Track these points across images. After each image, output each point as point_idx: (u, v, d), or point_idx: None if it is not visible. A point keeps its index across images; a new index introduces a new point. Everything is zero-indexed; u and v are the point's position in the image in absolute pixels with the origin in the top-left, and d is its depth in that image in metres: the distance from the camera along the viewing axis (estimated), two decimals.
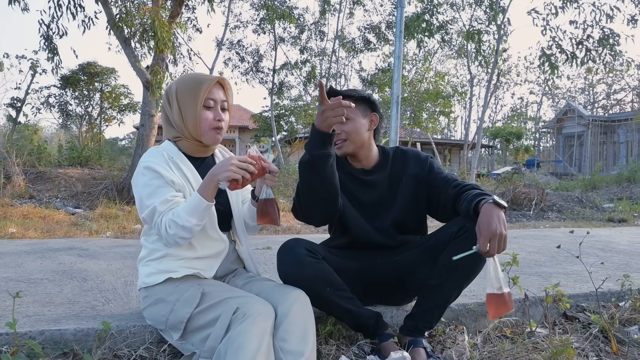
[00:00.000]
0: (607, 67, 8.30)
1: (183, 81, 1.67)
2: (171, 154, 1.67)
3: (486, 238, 1.48)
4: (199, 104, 1.63)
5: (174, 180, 1.61)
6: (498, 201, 1.56)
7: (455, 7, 12.26)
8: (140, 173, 1.60)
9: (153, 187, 1.57)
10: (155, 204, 1.55)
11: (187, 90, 1.64)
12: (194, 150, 1.73)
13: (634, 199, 11.30)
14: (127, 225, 6.41)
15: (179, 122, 1.67)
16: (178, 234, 1.52)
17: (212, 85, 1.65)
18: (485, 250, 1.49)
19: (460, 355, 1.76)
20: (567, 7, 7.58)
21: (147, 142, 8.89)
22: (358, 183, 1.92)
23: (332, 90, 1.81)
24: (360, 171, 1.94)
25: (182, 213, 1.51)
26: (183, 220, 1.50)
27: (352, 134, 1.84)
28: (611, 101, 34.90)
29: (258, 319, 1.42)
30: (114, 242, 3.90)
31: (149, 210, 1.56)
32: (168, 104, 1.69)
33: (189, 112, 1.64)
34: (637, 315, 2.14)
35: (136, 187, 1.62)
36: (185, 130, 1.67)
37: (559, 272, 2.82)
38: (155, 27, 7.47)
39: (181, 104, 1.65)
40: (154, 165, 1.59)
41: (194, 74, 1.72)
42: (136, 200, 1.64)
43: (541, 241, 4.21)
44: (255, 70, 15.07)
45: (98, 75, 18.94)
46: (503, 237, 1.49)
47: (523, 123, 38.26)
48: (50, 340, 1.59)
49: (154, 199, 1.56)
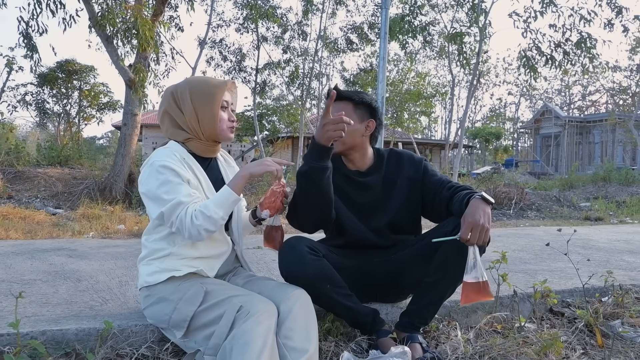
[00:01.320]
0: (584, 69, 8.52)
1: (196, 84, 1.71)
2: (182, 154, 1.69)
3: (468, 227, 1.56)
4: (217, 106, 1.69)
5: (190, 179, 1.64)
6: (485, 197, 1.62)
7: (436, 8, 12.43)
8: (156, 171, 1.60)
9: (173, 184, 1.58)
10: (179, 197, 1.56)
11: (204, 92, 1.69)
12: (205, 151, 1.76)
13: (609, 198, 11.61)
14: (110, 226, 6.34)
15: (193, 123, 1.69)
16: (204, 225, 1.54)
17: (226, 87, 1.74)
18: (466, 238, 1.56)
19: (454, 350, 1.81)
20: (546, 11, 7.77)
21: (129, 141, 8.80)
22: (353, 185, 1.96)
23: (337, 90, 1.85)
24: (355, 173, 1.98)
25: (210, 205, 1.55)
26: (211, 212, 1.54)
27: (345, 136, 1.87)
28: (586, 102, 35.72)
29: (262, 316, 1.46)
30: (101, 242, 3.88)
31: (171, 204, 1.56)
32: (177, 106, 1.71)
33: (206, 113, 1.68)
34: (620, 310, 2.23)
35: (148, 185, 1.61)
36: (200, 130, 1.70)
37: (543, 269, 2.91)
38: (138, 26, 7.40)
39: (197, 105, 1.68)
40: (170, 164, 1.60)
41: (203, 78, 1.78)
42: (148, 199, 1.62)
43: (524, 239, 4.33)
44: (238, 70, 15.02)
45: (77, 73, 18.62)
46: (485, 229, 1.56)
47: (502, 123, 38.89)
48: (51, 340, 1.59)
49: (175, 194, 1.57)
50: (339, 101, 1.88)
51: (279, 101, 18.40)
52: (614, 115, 26.19)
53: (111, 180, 8.75)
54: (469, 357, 1.77)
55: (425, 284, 1.85)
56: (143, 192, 1.63)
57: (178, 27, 11.37)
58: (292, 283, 1.68)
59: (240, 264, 1.90)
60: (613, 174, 13.48)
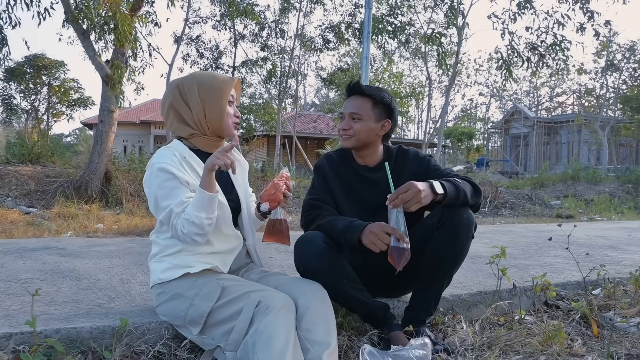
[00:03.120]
0: (558, 71, 8.80)
1: (203, 79, 1.70)
2: (183, 153, 1.68)
3: (399, 191, 1.60)
4: (224, 101, 1.69)
5: (188, 181, 1.63)
6: (435, 188, 1.67)
7: (413, 9, 12.59)
8: (154, 174, 1.61)
9: (168, 189, 1.59)
10: (171, 206, 1.58)
11: (212, 87, 1.68)
12: (209, 146, 1.75)
13: (578, 196, 12.02)
14: (88, 225, 6.22)
15: (200, 118, 1.69)
16: (191, 231, 1.55)
17: (234, 83, 1.74)
18: (392, 198, 1.60)
19: (462, 341, 1.86)
20: (523, 13, 7.98)
21: (106, 139, 8.61)
22: (361, 180, 1.99)
23: (359, 86, 1.90)
24: (364, 168, 2.01)
25: (190, 210, 1.55)
26: (192, 217, 1.53)
27: (360, 133, 1.91)
28: (554, 104, 36.80)
29: (282, 311, 1.47)
30: (88, 241, 3.80)
31: (165, 213, 1.59)
32: (183, 100, 1.70)
33: (214, 108, 1.68)
34: (611, 301, 2.33)
35: (150, 188, 1.63)
36: (206, 125, 1.70)
37: (534, 264, 3.01)
38: (117, 21, 7.25)
39: (204, 100, 1.68)
40: (167, 166, 1.60)
41: (210, 73, 1.78)
42: (150, 202, 1.65)
43: (508, 236, 4.45)
44: (215, 67, 14.86)
45: (46, 68, 18.07)
46: (406, 199, 1.59)
47: (472, 123, 39.66)
48: (65, 338, 1.57)
49: (170, 201, 1.58)
50: (359, 96, 1.92)
51: (255, 99, 18.30)
52: (580, 117, 27.08)
53: (87, 178, 8.53)
54: (477, 348, 1.82)
55: (422, 277, 1.89)
56: (146, 194, 1.65)
57: (154, 23, 11.20)
58: (309, 278, 1.70)
59: (251, 259, 1.91)
60: (581, 174, 13.95)
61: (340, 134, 1.97)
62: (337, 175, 2.00)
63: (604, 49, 22.86)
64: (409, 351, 1.48)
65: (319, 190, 1.97)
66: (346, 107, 1.94)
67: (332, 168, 2.02)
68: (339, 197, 1.98)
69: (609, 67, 25.71)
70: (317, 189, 1.97)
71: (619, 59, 25.70)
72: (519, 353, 1.81)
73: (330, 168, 2.02)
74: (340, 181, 1.99)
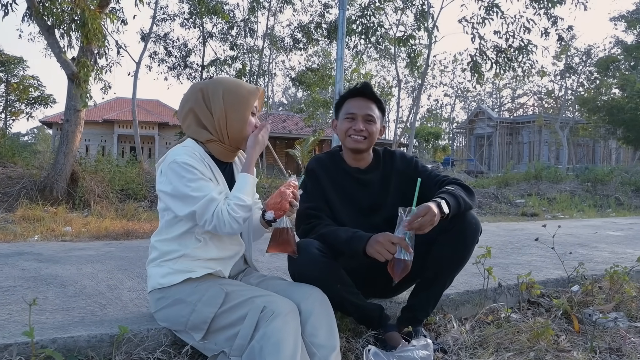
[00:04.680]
0: (525, 74, 9.10)
1: (229, 86, 1.68)
2: (202, 155, 1.66)
3: (418, 214, 1.61)
4: (248, 111, 1.68)
5: (211, 179, 1.62)
6: (442, 207, 1.69)
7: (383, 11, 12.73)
8: (180, 168, 1.56)
9: (200, 182, 1.57)
10: (211, 194, 1.55)
11: (239, 97, 1.66)
12: (224, 155, 1.73)
13: (541, 194, 12.43)
14: (56, 228, 6.01)
15: (221, 125, 1.66)
16: (243, 215, 1.57)
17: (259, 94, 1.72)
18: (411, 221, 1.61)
19: (455, 340, 1.92)
20: (491, 18, 8.22)
21: (72, 139, 8.34)
22: (354, 182, 2.01)
23: (369, 88, 1.95)
24: (356, 170, 2.03)
25: (239, 194, 1.58)
26: (241, 200, 1.57)
27: (372, 135, 1.96)
28: (515, 105, 37.92)
29: (289, 316, 1.48)
30: (63, 245, 3.69)
31: (204, 202, 1.53)
32: (206, 107, 1.67)
33: (237, 117, 1.66)
34: (589, 298, 2.44)
35: (173, 183, 1.56)
36: (225, 133, 1.67)
37: (513, 262, 3.11)
38: (86, 17, 7.04)
39: (229, 108, 1.65)
40: (193, 162, 1.58)
41: (236, 81, 1.74)
42: (174, 198, 1.58)
43: (483, 235, 4.51)
44: (184, 66, 14.62)
45: (3, 65, 17.35)
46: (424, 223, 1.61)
47: (438, 124, 40.40)
48: (63, 348, 1.53)
49: (205, 191, 1.55)
50: (368, 99, 1.96)
51: None
52: (541, 118, 28.02)
53: (52, 179, 8.24)
54: (470, 347, 1.88)
55: (425, 278, 1.93)
56: (166, 192, 1.58)
57: (121, 20, 10.93)
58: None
59: (248, 265, 1.90)
60: (543, 173, 14.43)
61: (349, 134, 1.95)
62: (329, 177, 2.02)
63: (563, 53, 23.73)
64: (414, 352, 1.52)
65: (313, 197, 1.97)
66: (359, 108, 1.95)
67: (324, 171, 2.03)
68: (332, 200, 1.99)
69: (568, 70, 26.71)
70: (311, 194, 1.98)
71: (577, 62, 26.76)
72: (509, 350, 1.88)
73: (322, 171, 2.03)
74: (333, 183, 2.01)
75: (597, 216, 8.89)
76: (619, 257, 3.40)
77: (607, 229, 5.58)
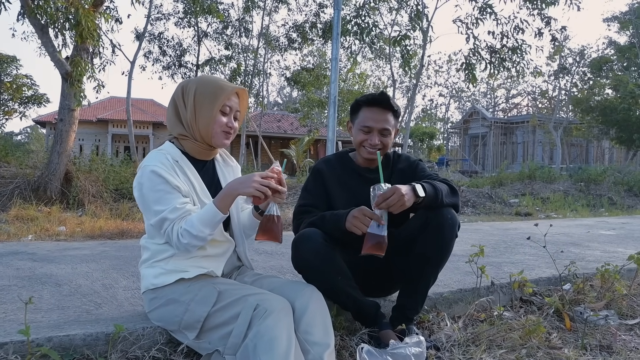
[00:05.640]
0: (519, 74, 9.16)
1: (204, 83, 1.69)
2: (175, 157, 1.67)
3: (385, 195, 1.65)
4: (215, 108, 1.66)
5: (179, 186, 1.61)
6: (417, 191, 1.74)
7: (378, 11, 12.76)
8: (146, 177, 1.59)
9: (160, 193, 1.58)
10: (164, 213, 1.56)
11: (207, 93, 1.66)
12: (198, 153, 1.74)
13: (534, 194, 12.50)
14: (50, 228, 5.99)
15: (191, 121, 1.68)
16: (191, 243, 1.55)
17: (232, 93, 1.69)
18: (378, 202, 1.65)
19: (448, 338, 1.94)
20: (484, 18, 8.26)
21: (66, 138, 8.32)
22: (361, 180, 2.04)
23: (387, 97, 1.97)
24: (365, 170, 2.07)
25: (196, 223, 1.54)
26: (197, 231, 1.53)
27: (387, 146, 2.00)
28: (510, 105, 38.10)
29: (281, 313, 1.49)
30: (58, 245, 3.69)
31: (158, 219, 1.58)
32: (182, 100, 1.69)
33: (204, 114, 1.66)
34: (581, 296, 2.47)
35: (141, 191, 1.61)
36: (196, 130, 1.68)
37: (505, 261, 3.14)
38: (80, 16, 7.02)
39: (197, 104, 1.66)
40: (159, 170, 1.59)
41: (215, 78, 1.74)
42: (141, 204, 1.64)
43: (477, 234, 4.60)
44: (178, 65, 14.59)
45: None
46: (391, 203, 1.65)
47: (433, 123, 40.53)
48: (58, 346, 1.53)
49: (162, 206, 1.57)
50: (385, 110, 1.97)
51: None
52: (534, 118, 28.15)
53: (46, 179, 8.22)
54: (462, 344, 1.90)
55: (409, 276, 1.95)
56: (136, 197, 1.63)
57: (116, 19, 10.90)
58: (306, 273, 1.75)
59: (242, 263, 1.91)
60: (537, 173, 14.51)
61: (365, 146, 1.99)
62: (336, 176, 2.05)
63: (557, 53, 23.87)
64: (406, 349, 1.53)
65: (312, 195, 1.99)
66: (376, 121, 1.96)
67: (331, 170, 2.07)
68: (338, 196, 2.02)
69: (561, 71, 26.86)
70: (311, 192, 2.00)
71: (570, 63, 26.91)
72: (501, 347, 1.90)
73: (329, 170, 2.06)
74: (339, 181, 2.04)
75: (590, 216, 8.95)
76: (610, 256, 3.44)
77: (600, 228, 5.63)
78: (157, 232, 1.65)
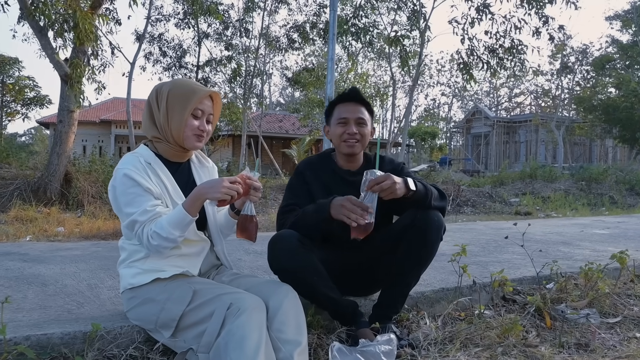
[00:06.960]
0: (516, 73, 9.15)
1: (177, 86, 1.71)
2: (148, 159, 1.70)
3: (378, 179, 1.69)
4: (187, 111, 1.68)
5: (151, 188, 1.64)
6: (408, 184, 1.78)
7: (377, 11, 12.77)
8: (118, 180, 1.63)
9: (131, 196, 1.61)
10: (134, 216, 1.60)
11: (179, 96, 1.68)
12: (172, 155, 1.77)
13: (535, 193, 12.48)
14: (48, 228, 6.04)
15: (164, 124, 1.70)
16: (161, 245, 1.59)
17: (204, 96, 1.71)
18: (371, 185, 1.69)
19: (426, 336, 1.96)
20: (481, 18, 8.26)
21: (66, 139, 8.38)
22: (343, 183, 2.05)
23: (357, 93, 2.00)
24: (346, 172, 2.09)
25: (165, 225, 1.56)
26: (166, 233, 1.56)
27: (365, 137, 2.02)
28: (512, 104, 37.99)
29: (254, 312, 1.51)
30: (51, 245, 3.72)
31: (128, 221, 1.61)
32: (156, 103, 1.72)
33: (176, 117, 1.69)
34: (563, 295, 2.49)
35: (114, 194, 1.65)
36: (168, 132, 1.71)
37: (493, 260, 3.15)
38: (77, 18, 7.07)
39: (170, 106, 1.69)
40: (131, 173, 1.62)
41: (188, 81, 1.77)
42: (114, 207, 1.67)
43: (469, 234, 4.62)
44: (179, 66, 14.66)
45: None
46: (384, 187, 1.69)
47: (435, 123, 40.44)
48: (36, 345, 1.56)
49: (133, 209, 1.60)
50: (357, 103, 2.02)
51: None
52: (537, 117, 28.07)
53: (45, 180, 8.28)
54: (439, 342, 1.92)
55: (392, 275, 1.98)
56: (110, 200, 1.68)
57: (115, 21, 10.96)
58: (282, 274, 1.77)
59: (221, 262, 1.94)
60: (538, 172, 14.48)
61: (344, 139, 2.01)
62: (317, 178, 2.07)
63: (558, 52, 23.79)
64: (376, 347, 1.55)
65: (296, 195, 2.02)
66: (350, 112, 2.01)
67: (313, 172, 2.09)
68: (320, 198, 2.03)
69: (564, 69, 26.78)
70: (295, 192, 2.03)
71: (573, 62, 26.81)
72: (478, 345, 1.92)
73: (311, 172, 2.09)
74: (320, 184, 2.06)
75: (590, 215, 8.94)
76: (599, 255, 3.45)
77: (594, 227, 5.62)
78: (131, 234, 1.68)
